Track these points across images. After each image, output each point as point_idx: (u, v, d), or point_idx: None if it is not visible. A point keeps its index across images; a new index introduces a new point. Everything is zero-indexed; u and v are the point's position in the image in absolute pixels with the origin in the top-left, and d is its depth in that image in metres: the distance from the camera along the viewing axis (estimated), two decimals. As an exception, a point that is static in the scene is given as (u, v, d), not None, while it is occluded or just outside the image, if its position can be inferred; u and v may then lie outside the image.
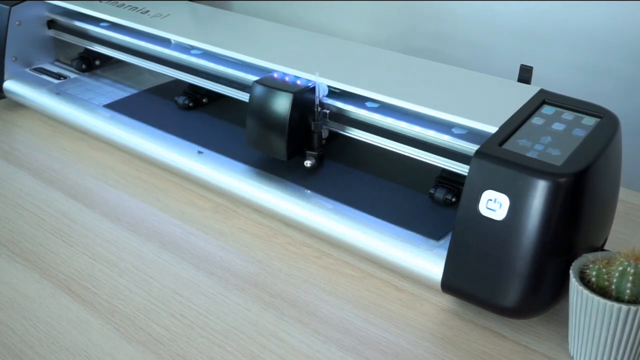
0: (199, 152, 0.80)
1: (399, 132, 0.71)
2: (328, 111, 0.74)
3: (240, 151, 0.80)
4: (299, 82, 0.74)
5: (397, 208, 0.71)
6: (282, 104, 0.72)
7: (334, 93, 0.75)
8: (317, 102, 0.74)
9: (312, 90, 0.73)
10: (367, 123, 0.73)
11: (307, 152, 0.75)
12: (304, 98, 0.73)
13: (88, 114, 0.91)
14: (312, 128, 0.74)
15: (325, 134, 0.76)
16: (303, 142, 0.75)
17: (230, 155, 0.80)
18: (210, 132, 0.85)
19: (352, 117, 0.74)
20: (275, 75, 0.76)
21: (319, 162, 0.76)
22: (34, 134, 0.96)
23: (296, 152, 0.75)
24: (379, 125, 0.72)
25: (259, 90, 0.74)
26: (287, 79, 0.75)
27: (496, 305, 0.60)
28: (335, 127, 0.75)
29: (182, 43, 0.89)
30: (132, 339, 0.61)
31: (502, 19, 1.05)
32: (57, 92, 0.96)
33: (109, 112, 0.91)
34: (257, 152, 0.77)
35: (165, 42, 0.91)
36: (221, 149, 0.81)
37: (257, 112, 0.74)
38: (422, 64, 0.78)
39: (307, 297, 0.66)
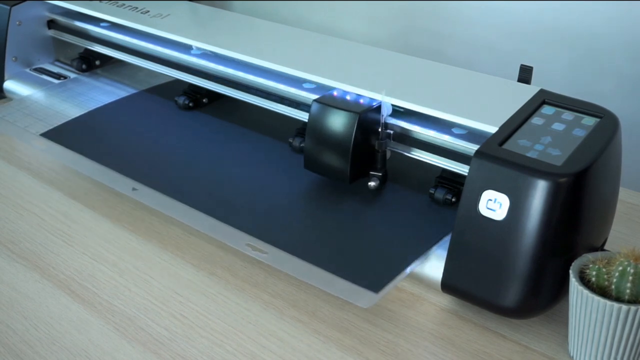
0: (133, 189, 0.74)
1: (398, 132, 0.71)
2: (392, 132, 0.71)
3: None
4: (361, 100, 0.70)
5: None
6: (346, 124, 0.68)
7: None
8: (382, 121, 0.70)
9: (378, 109, 0.70)
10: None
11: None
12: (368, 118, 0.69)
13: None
14: (376, 147, 0.70)
15: (388, 155, 0.72)
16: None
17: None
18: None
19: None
20: (335, 93, 0.72)
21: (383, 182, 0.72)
22: (34, 134, 0.96)
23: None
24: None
25: (319, 109, 0.70)
26: (348, 97, 0.71)
27: (496, 305, 0.60)
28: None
29: (182, 43, 0.89)
30: (132, 339, 0.61)
31: (502, 19, 1.05)
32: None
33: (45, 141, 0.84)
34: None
35: (165, 42, 0.91)
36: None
37: (318, 132, 0.70)
38: (422, 64, 0.78)
39: (307, 297, 0.66)
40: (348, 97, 0.71)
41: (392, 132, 0.71)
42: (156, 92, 0.97)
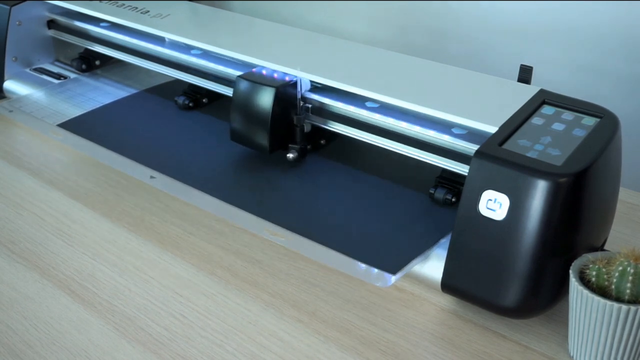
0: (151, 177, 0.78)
1: (399, 132, 0.71)
2: (310, 105, 0.76)
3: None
4: (287, 77, 0.76)
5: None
6: (265, 98, 0.73)
7: (333, 92, 0.75)
8: (299, 96, 0.75)
9: (294, 85, 0.75)
10: (366, 123, 0.73)
11: (290, 145, 0.77)
12: (286, 92, 0.75)
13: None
14: (295, 122, 0.76)
15: (307, 128, 0.77)
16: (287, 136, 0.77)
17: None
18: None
19: (350, 116, 0.74)
20: (264, 71, 0.78)
21: (302, 155, 0.77)
22: (34, 134, 0.96)
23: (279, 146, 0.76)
24: (379, 125, 0.72)
25: (242, 84, 0.76)
26: (275, 75, 0.76)
27: (496, 305, 0.60)
28: (319, 122, 0.76)
29: (182, 43, 0.89)
30: (132, 339, 0.61)
31: (502, 19, 1.05)
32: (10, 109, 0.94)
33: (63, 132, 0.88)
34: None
35: (165, 42, 0.91)
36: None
37: (241, 106, 0.76)
38: (422, 64, 0.78)
39: (307, 297, 0.66)
40: (275, 75, 0.77)
41: (310, 106, 0.76)
42: (156, 92, 0.97)
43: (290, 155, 0.76)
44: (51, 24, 1.05)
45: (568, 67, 1.00)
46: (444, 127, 0.68)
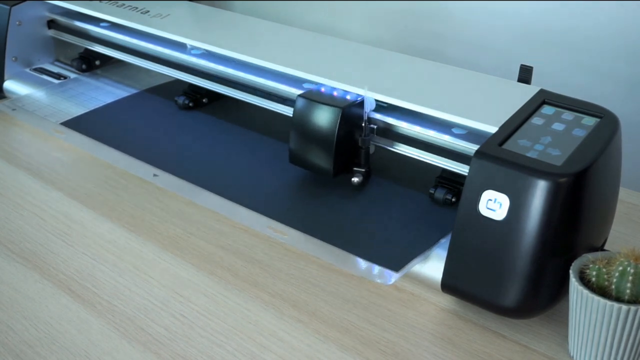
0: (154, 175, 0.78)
1: (399, 132, 0.71)
2: (376, 126, 0.72)
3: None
4: (348, 96, 0.72)
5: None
6: (329, 118, 0.69)
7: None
8: (365, 117, 0.71)
9: (361, 104, 0.71)
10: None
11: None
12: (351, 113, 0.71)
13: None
14: (360, 144, 0.72)
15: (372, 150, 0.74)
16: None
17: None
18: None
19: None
20: (322, 89, 0.74)
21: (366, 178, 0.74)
22: (34, 133, 0.96)
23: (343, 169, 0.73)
24: (378, 125, 0.72)
25: (303, 104, 0.71)
26: (334, 93, 0.72)
27: (496, 305, 0.60)
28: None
29: (182, 43, 0.89)
30: (132, 339, 0.61)
31: (502, 19, 1.05)
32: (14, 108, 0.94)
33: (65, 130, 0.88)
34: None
35: (165, 42, 0.91)
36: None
37: (301, 127, 0.71)
38: (422, 64, 0.78)
39: (307, 297, 0.66)
40: (335, 93, 0.72)
41: (375, 127, 0.72)
42: (156, 92, 0.97)
43: (355, 179, 0.72)
44: (51, 24, 1.05)
45: (568, 67, 1.00)
46: (444, 127, 0.68)
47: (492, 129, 0.63)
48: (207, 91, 0.89)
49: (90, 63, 1.05)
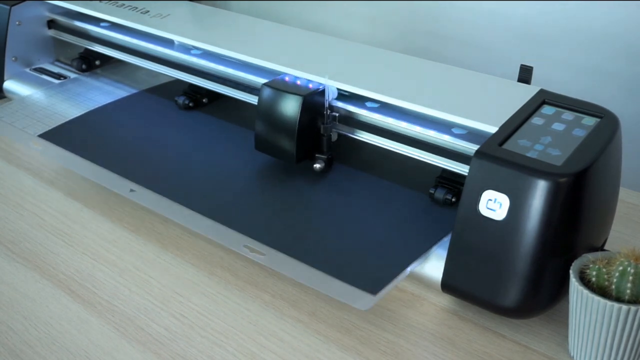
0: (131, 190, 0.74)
1: (399, 132, 0.71)
2: (337, 114, 0.74)
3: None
4: (310, 85, 0.73)
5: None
6: (291, 107, 0.71)
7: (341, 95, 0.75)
8: (326, 105, 0.73)
9: (322, 93, 0.73)
10: (369, 124, 0.73)
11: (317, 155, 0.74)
12: (314, 101, 0.72)
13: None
14: (322, 131, 0.73)
15: (334, 137, 0.75)
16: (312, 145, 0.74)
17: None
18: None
19: (358, 118, 0.74)
20: (287, 78, 0.76)
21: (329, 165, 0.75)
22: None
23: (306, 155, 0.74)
24: (379, 125, 0.72)
25: (267, 93, 0.73)
26: (298, 82, 0.74)
27: (496, 305, 0.60)
28: (345, 130, 0.74)
29: (182, 43, 0.89)
30: (132, 339, 0.61)
31: (502, 19, 1.05)
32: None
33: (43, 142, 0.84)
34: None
35: (165, 42, 0.91)
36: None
37: (266, 115, 0.73)
38: (422, 64, 0.78)
39: (307, 297, 0.66)
40: (298, 82, 0.74)
41: (337, 114, 0.74)
42: (156, 92, 0.97)
43: (317, 166, 0.74)
44: (51, 24, 1.05)
45: (568, 67, 1.00)
46: (444, 127, 0.68)
47: (492, 129, 0.63)
48: (207, 91, 0.89)
49: (90, 63, 1.05)
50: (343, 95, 0.74)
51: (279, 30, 0.90)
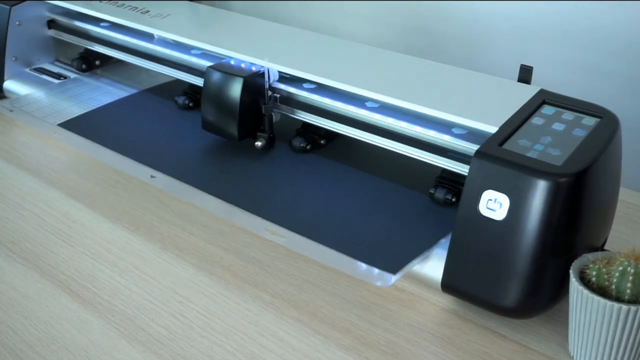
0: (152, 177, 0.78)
1: (399, 132, 0.71)
2: (279, 95, 0.78)
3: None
4: (253, 68, 0.78)
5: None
6: (234, 88, 0.76)
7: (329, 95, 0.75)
8: (267, 86, 0.77)
9: (262, 75, 0.77)
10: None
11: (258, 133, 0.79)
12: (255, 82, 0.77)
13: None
14: (263, 111, 0.78)
15: (276, 118, 0.79)
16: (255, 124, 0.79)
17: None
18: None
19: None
20: (232, 62, 0.80)
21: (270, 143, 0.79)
22: (34, 133, 0.96)
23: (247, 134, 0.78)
24: (379, 125, 0.72)
25: (212, 75, 0.78)
26: (242, 65, 0.79)
27: (496, 305, 0.60)
28: (285, 110, 0.78)
29: (182, 43, 0.89)
30: (132, 339, 0.61)
31: (502, 19, 1.05)
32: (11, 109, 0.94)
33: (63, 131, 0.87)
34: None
35: (165, 42, 0.91)
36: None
37: (211, 96, 0.78)
38: (422, 64, 0.78)
39: (307, 297, 0.66)
40: (242, 65, 0.79)
41: (278, 95, 0.78)
42: (156, 92, 0.97)
43: (258, 144, 0.79)
44: (51, 24, 1.05)
45: (568, 67, 1.00)
46: (444, 127, 0.68)
47: (492, 129, 0.63)
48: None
49: (90, 63, 1.05)
50: (284, 78, 0.78)
51: (278, 30, 0.90)
